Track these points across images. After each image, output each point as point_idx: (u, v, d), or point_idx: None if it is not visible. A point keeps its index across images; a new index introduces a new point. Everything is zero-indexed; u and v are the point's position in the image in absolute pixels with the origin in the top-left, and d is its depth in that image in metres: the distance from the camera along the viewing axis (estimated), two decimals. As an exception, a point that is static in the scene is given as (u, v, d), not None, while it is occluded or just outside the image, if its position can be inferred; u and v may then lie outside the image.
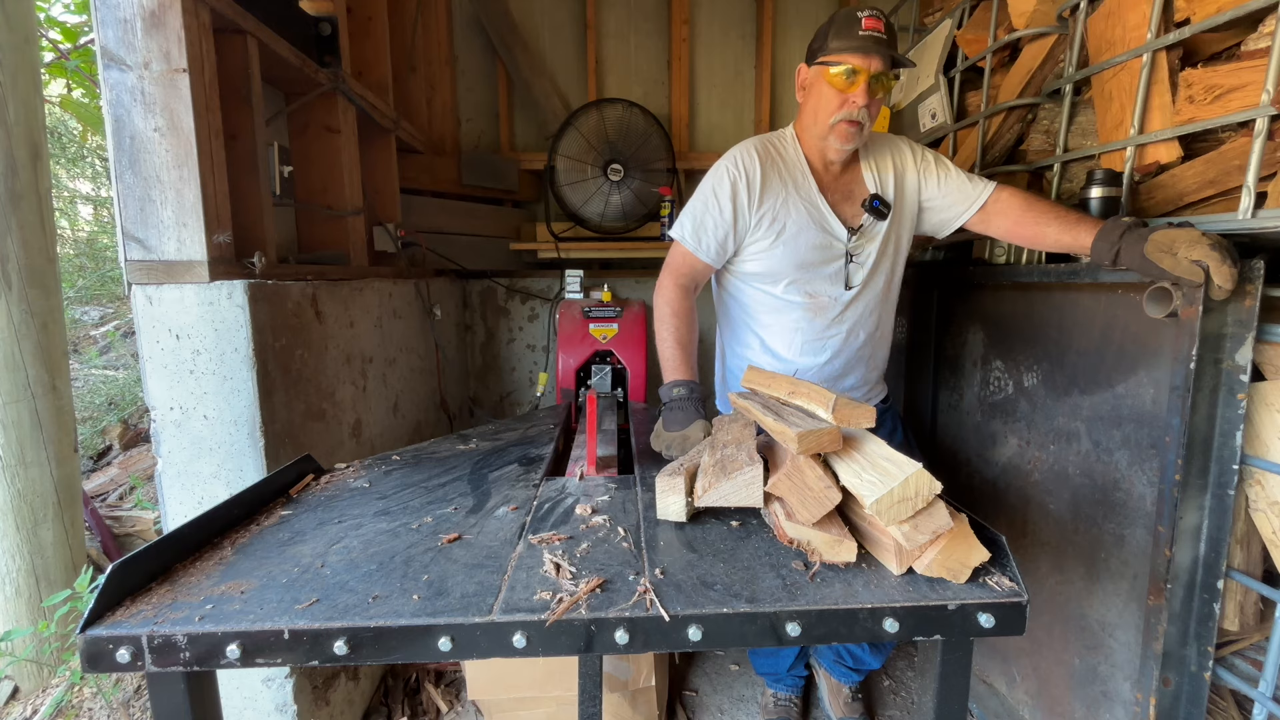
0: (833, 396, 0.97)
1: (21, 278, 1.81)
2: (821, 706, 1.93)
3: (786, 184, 1.48)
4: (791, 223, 1.48)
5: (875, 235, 1.51)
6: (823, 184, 1.51)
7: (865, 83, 1.33)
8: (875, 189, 1.52)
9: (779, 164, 1.50)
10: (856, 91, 1.34)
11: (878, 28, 1.32)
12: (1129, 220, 1.21)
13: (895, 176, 1.54)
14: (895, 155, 1.54)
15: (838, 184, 1.53)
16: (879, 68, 1.33)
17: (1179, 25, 1.29)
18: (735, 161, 1.48)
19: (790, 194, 1.48)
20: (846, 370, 1.59)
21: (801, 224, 1.48)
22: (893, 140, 1.58)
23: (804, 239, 1.48)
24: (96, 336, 4.61)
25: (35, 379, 1.86)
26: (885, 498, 0.78)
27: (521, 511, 1.06)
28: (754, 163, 1.47)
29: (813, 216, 1.49)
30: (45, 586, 1.92)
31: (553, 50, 3.35)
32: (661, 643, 0.76)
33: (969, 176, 1.53)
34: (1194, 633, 1.22)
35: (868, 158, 1.54)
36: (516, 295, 3.20)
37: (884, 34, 1.32)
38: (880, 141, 1.57)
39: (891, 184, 1.53)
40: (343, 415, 1.79)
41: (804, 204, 1.48)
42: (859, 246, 1.51)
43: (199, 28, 1.32)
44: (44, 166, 1.89)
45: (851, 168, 1.54)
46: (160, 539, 0.86)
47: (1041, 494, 1.58)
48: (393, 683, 1.98)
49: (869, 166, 1.54)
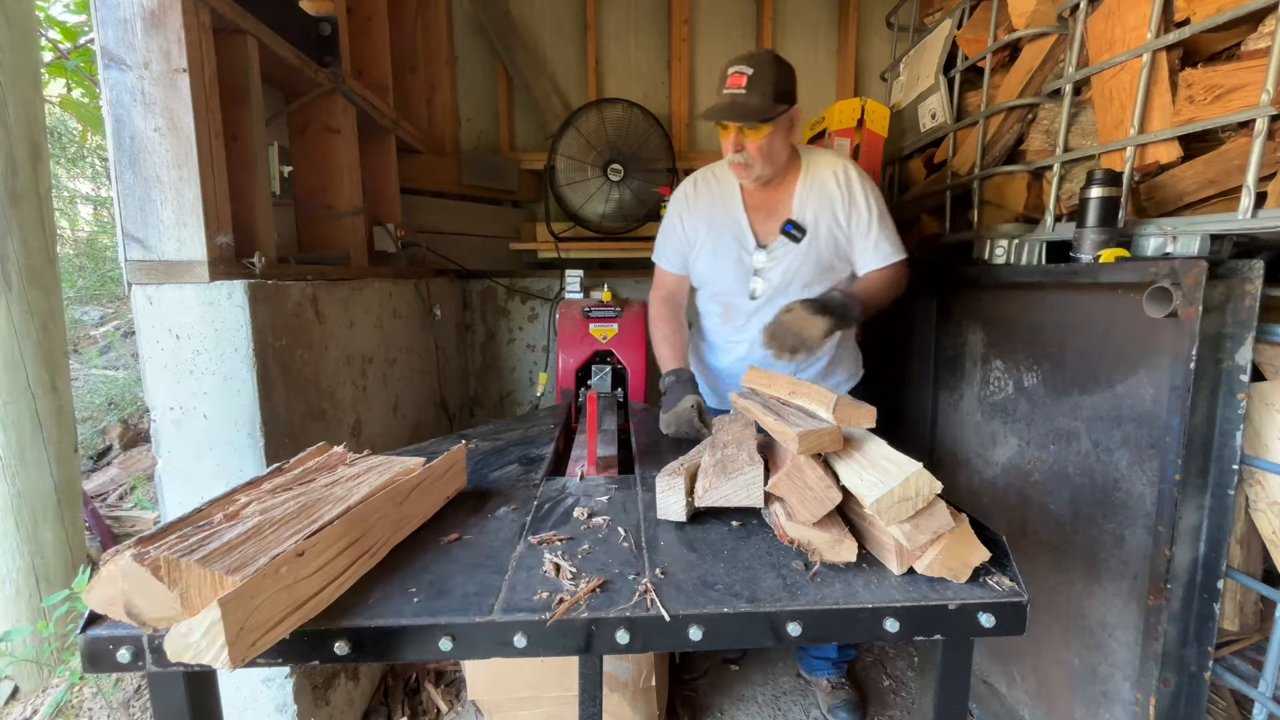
0: (834, 396, 0.97)
1: (21, 278, 1.81)
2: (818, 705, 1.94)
3: (717, 203, 1.67)
4: (716, 238, 1.66)
5: (786, 255, 1.63)
6: (748, 201, 1.66)
7: (732, 136, 1.49)
8: (799, 212, 1.61)
9: (714, 185, 1.69)
10: (728, 142, 1.51)
11: (739, 84, 1.43)
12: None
13: (824, 205, 1.60)
14: (834, 185, 1.59)
15: (764, 201, 1.65)
16: (736, 125, 1.47)
17: (1179, 25, 1.29)
18: (681, 187, 1.73)
19: (718, 212, 1.66)
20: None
21: (723, 238, 1.66)
22: (840, 171, 1.61)
23: (723, 251, 1.66)
24: (96, 336, 4.61)
25: (35, 379, 1.86)
26: (886, 497, 0.78)
27: (522, 512, 1.06)
28: (692, 186, 1.71)
29: (732, 231, 1.65)
30: (45, 586, 1.92)
31: (553, 50, 3.35)
32: (662, 642, 0.76)
33: (878, 243, 1.61)
34: (1194, 633, 1.22)
35: (808, 178, 1.61)
36: (516, 295, 3.20)
37: (744, 89, 1.43)
38: (826, 167, 1.61)
39: (817, 210, 1.60)
40: (343, 415, 1.78)
41: (728, 219, 1.66)
42: (768, 263, 1.64)
43: (199, 28, 1.32)
44: (44, 166, 1.89)
45: (783, 186, 1.63)
46: (160, 539, 0.86)
47: (1041, 494, 1.58)
48: (393, 683, 1.98)
49: (806, 187, 1.61)
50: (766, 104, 1.43)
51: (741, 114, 1.44)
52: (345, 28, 2.08)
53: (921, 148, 2.36)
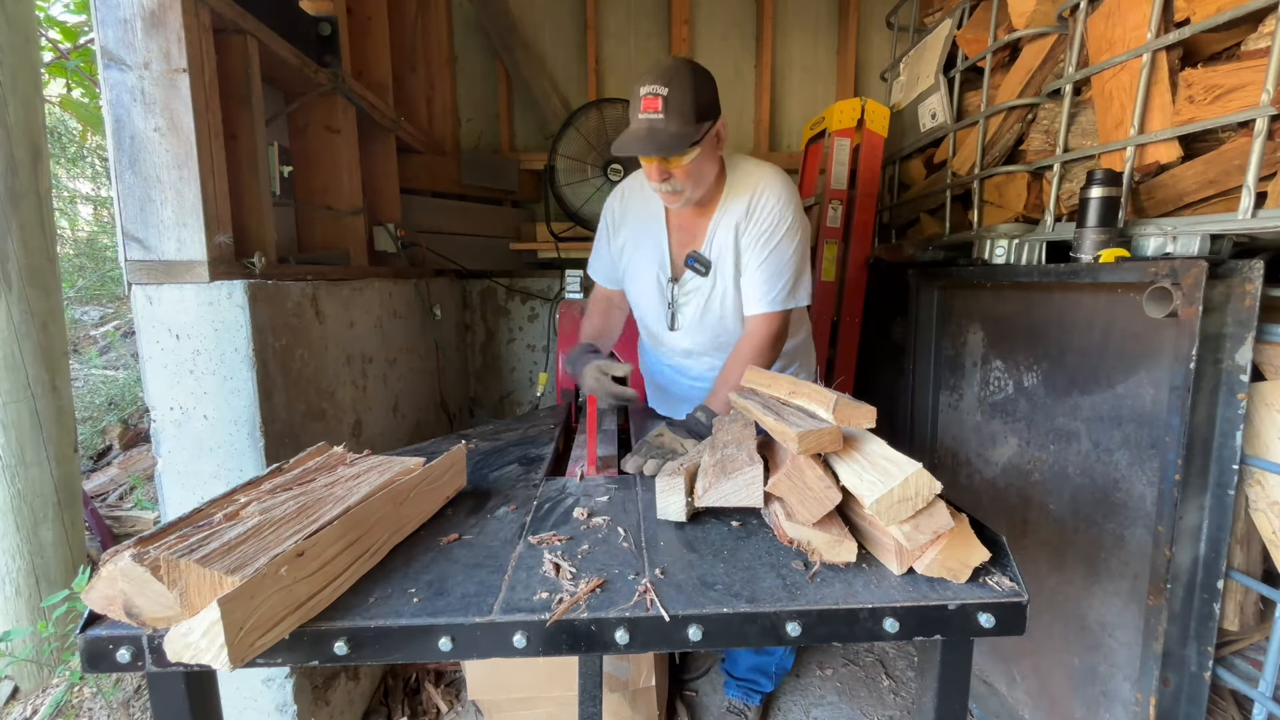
0: (833, 396, 0.97)
1: (21, 278, 1.81)
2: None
3: (641, 223, 1.54)
4: (639, 263, 1.55)
5: (697, 290, 1.50)
6: (672, 222, 1.51)
7: (655, 164, 1.31)
8: (709, 241, 1.46)
9: (640, 204, 1.54)
10: (651, 170, 1.33)
11: (654, 107, 1.24)
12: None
13: (731, 230, 1.44)
14: (745, 207, 1.42)
15: (687, 222, 1.50)
16: (654, 157, 1.29)
17: (1179, 25, 1.29)
18: (608, 202, 1.61)
19: (643, 234, 1.54)
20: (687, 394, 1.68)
21: (645, 264, 1.54)
22: (757, 191, 1.42)
23: (646, 278, 1.55)
24: (96, 336, 4.61)
25: (35, 379, 1.86)
26: (885, 498, 0.78)
27: (521, 512, 1.06)
28: (619, 202, 1.58)
29: (654, 256, 1.53)
30: (45, 586, 1.92)
31: (553, 50, 3.35)
32: (661, 643, 0.76)
33: (757, 283, 1.42)
34: (1194, 633, 1.22)
35: (728, 199, 1.44)
36: (516, 295, 3.20)
37: (661, 113, 1.24)
38: (746, 189, 1.43)
39: (724, 239, 1.44)
40: (343, 415, 1.78)
41: (650, 242, 1.53)
42: (682, 296, 1.52)
43: (199, 28, 1.32)
44: (44, 166, 1.89)
45: (705, 211, 1.46)
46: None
47: (1041, 494, 1.58)
48: (393, 683, 1.98)
49: (723, 209, 1.44)
50: (689, 127, 1.25)
51: (662, 145, 1.25)
52: (345, 28, 2.08)
53: (921, 148, 2.36)
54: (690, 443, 1.29)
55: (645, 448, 1.30)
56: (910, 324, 2.17)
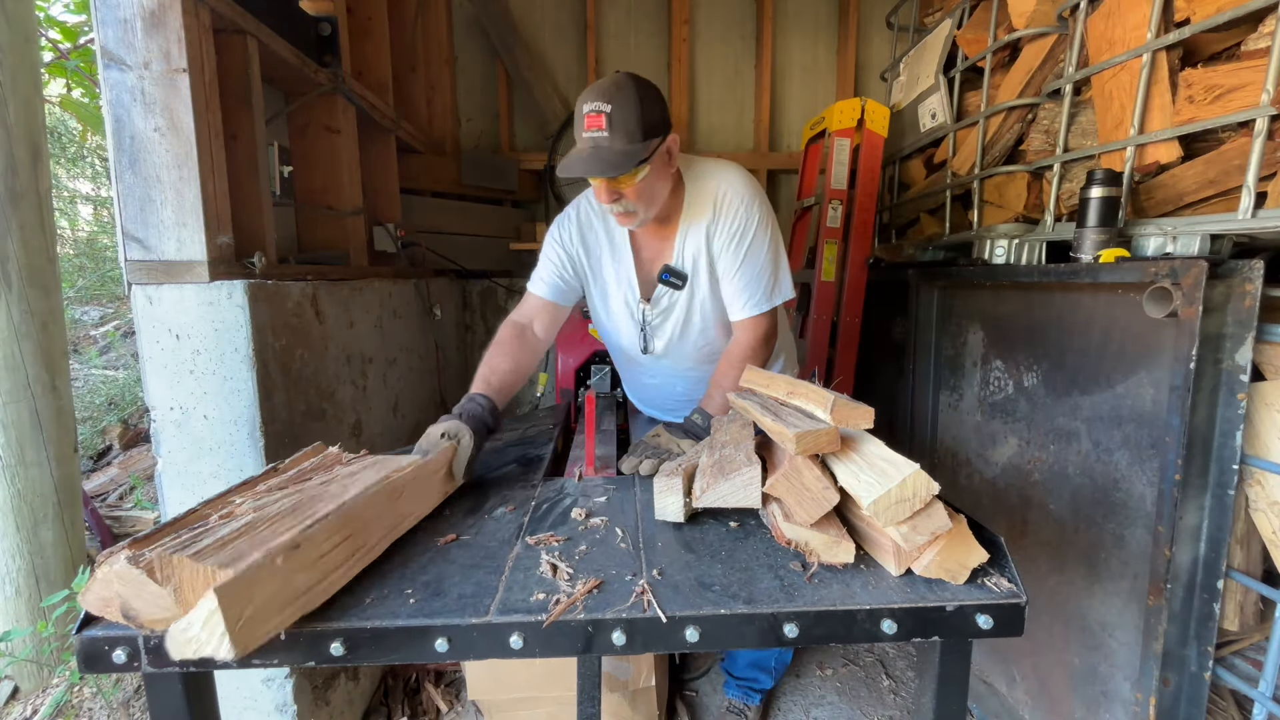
0: (831, 397, 0.97)
1: (21, 278, 1.81)
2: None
3: (603, 249, 1.46)
4: (606, 288, 1.49)
5: (673, 307, 1.44)
6: (636, 243, 1.44)
7: (604, 184, 1.24)
8: (679, 253, 1.40)
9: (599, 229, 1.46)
10: (600, 191, 1.27)
11: (598, 125, 1.18)
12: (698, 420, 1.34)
13: (705, 239, 1.37)
14: (710, 210, 1.36)
15: (653, 241, 1.43)
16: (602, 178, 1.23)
17: (1179, 25, 1.29)
18: (559, 222, 1.48)
19: (606, 260, 1.46)
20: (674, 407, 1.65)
21: (613, 290, 1.48)
22: (720, 192, 1.36)
23: (615, 303, 1.49)
24: (96, 336, 4.61)
25: (35, 379, 1.86)
26: (883, 498, 0.78)
27: (519, 512, 1.06)
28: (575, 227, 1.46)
29: (621, 281, 1.46)
30: (45, 586, 1.92)
31: (553, 50, 3.35)
32: (659, 644, 0.76)
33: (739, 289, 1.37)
34: (1194, 633, 1.22)
35: (691, 207, 1.38)
36: (516, 295, 3.20)
37: (605, 130, 1.18)
38: (709, 194, 1.36)
39: (696, 247, 1.38)
40: (343, 415, 1.79)
41: (615, 266, 1.46)
42: (655, 317, 1.46)
43: (199, 28, 1.32)
44: (44, 166, 1.89)
45: (668, 225, 1.40)
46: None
47: (1041, 494, 1.58)
48: (393, 683, 1.98)
49: (688, 219, 1.38)
50: (635, 145, 1.19)
51: (609, 164, 1.18)
52: (345, 28, 2.08)
53: (921, 148, 2.36)
54: (687, 443, 1.28)
55: (642, 448, 1.30)
56: (910, 324, 2.17)
